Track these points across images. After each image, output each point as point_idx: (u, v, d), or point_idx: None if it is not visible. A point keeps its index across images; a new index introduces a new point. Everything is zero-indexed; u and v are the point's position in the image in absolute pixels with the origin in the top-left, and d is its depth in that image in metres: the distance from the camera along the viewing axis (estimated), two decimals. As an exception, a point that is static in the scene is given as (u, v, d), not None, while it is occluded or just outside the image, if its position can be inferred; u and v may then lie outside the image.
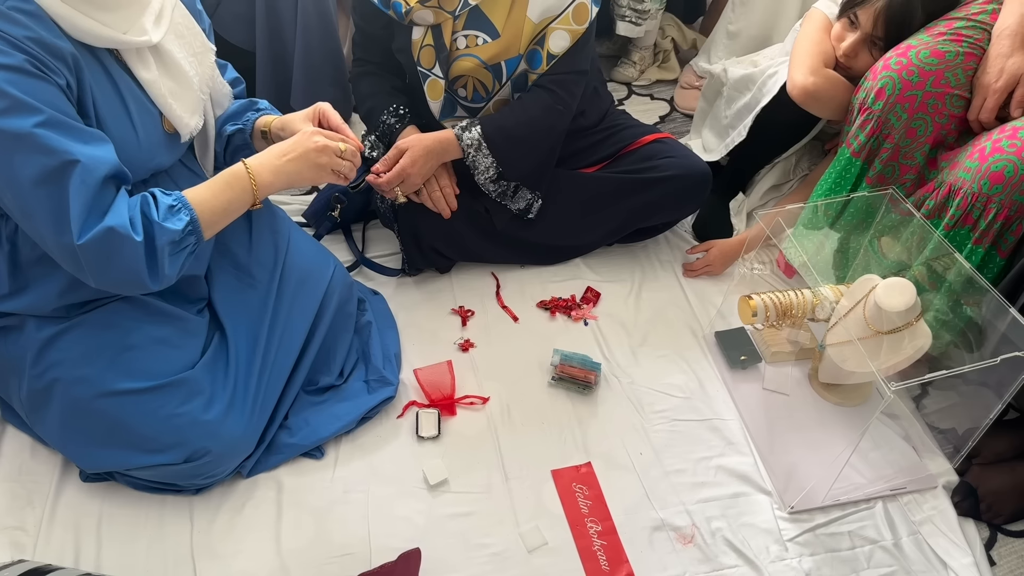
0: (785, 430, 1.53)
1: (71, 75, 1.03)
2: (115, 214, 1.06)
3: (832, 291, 1.51)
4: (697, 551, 1.35)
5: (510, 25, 1.49)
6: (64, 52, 1.02)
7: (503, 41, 1.50)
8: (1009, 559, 1.41)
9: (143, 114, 1.15)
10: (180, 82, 1.18)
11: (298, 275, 1.44)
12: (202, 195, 1.17)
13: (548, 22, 1.50)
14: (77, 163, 1.01)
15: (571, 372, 1.56)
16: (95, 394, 1.21)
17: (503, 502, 1.39)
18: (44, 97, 1.00)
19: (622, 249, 1.88)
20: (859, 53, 1.61)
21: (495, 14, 1.49)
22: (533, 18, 1.50)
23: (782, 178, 1.96)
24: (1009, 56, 1.41)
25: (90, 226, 1.04)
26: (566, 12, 1.50)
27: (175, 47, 1.17)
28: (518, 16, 1.49)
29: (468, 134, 1.53)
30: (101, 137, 1.07)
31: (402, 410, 1.51)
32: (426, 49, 1.52)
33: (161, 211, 1.11)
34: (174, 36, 1.17)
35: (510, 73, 1.55)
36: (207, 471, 1.30)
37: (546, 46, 1.51)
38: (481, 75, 1.54)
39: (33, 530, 1.29)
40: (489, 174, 1.57)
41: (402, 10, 1.47)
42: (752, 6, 2.15)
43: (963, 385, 1.55)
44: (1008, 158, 1.34)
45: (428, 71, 1.54)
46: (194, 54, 1.21)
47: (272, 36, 1.88)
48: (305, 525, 1.33)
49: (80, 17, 1.03)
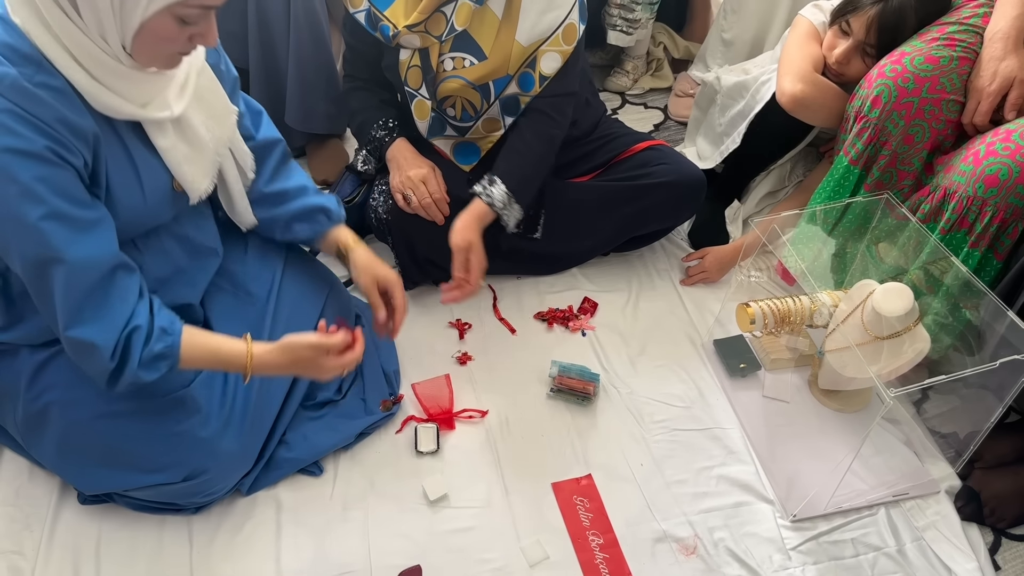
0: (786, 437, 1.53)
1: (89, 153, 1.02)
2: (107, 330, 1.05)
3: (830, 297, 1.51)
4: (700, 562, 1.34)
5: (498, 47, 1.50)
6: (87, 132, 1.01)
7: (490, 63, 1.51)
8: (1014, 563, 1.40)
9: (154, 178, 1.14)
10: (195, 147, 1.17)
11: (295, 291, 1.44)
12: (195, 353, 1.15)
13: (538, 45, 1.51)
14: (63, 264, 1.01)
15: (569, 383, 1.55)
16: (91, 416, 1.20)
17: (503, 516, 1.38)
18: (56, 185, 0.99)
19: (619, 259, 1.88)
20: (851, 60, 1.62)
21: (482, 37, 1.50)
22: (522, 41, 1.50)
23: (778, 184, 1.96)
24: (1002, 59, 1.41)
25: (79, 323, 1.04)
26: (556, 34, 1.50)
27: (195, 112, 1.15)
28: (506, 39, 1.50)
29: (496, 190, 1.53)
30: (103, 223, 1.06)
31: (400, 425, 1.50)
32: (413, 70, 1.53)
33: (145, 356, 1.09)
34: (195, 101, 1.14)
35: (498, 93, 1.55)
36: (206, 489, 1.29)
37: (538, 68, 1.52)
38: (469, 95, 1.55)
39: (31, 554, 1.29)
40: (517, 221, 1.59)
41: (389, 33, 1.48)
42: (744, 14, 2.16)
43: (963, 389, 1.55)
44: (1002, 161, 1.34)
45: (415, 91, 1.55)
46: (213, 116, 1.19)
47: (265, 52, 1.88)
48: (304, 543, 1.33)
49: (107, 94, 1.01)
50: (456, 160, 1.68)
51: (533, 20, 1.49)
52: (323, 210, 1.40)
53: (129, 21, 0.95)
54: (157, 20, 0.96)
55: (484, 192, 1.53)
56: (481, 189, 1.54)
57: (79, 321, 1.04)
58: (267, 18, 1.83)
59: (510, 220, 1.57)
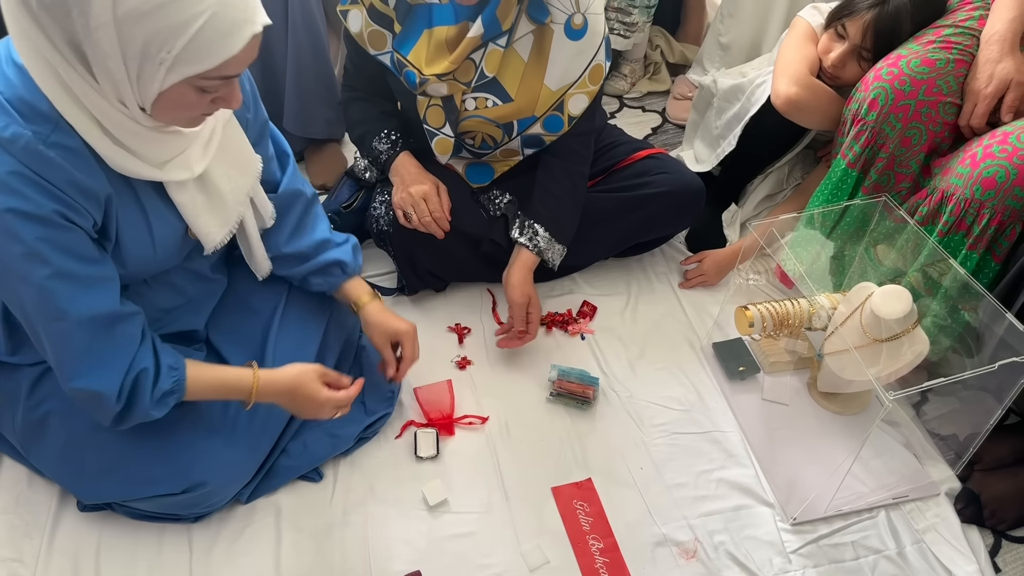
0: (785, 440, 1.53)
1: (99, 212, 1.01)
2: (111, 378, 1.05)
3: (829, 300, 1.51)
4: (700, 566, 1.34)
5: (524, 90, 1.48)
6: (99, 194, 0.99)
7: (516, 105, 1.49)
8: (1014, 565, 1.40)
9: (166, 230, 1.12)
10: (214, 199, 1.14)
11: (299, 311, 1.42)
12: (200, 385, 1.16)
13: (567, 89, 1.49)
14: (66, 320, 1.01)
15: (569, 387, 1.55)
16: (91, 425, 1.20)
17: (504, 521, 1.38)
18: (62, 245, 0.98)
19: (617, 263, 1.88)
20: (847, 64, 1.62)
21: (506, 79, 1.48)
22: (551, 86, 1.48)
23: (775, 188, 1.96)
24: (998, 61, 1.41)
25: (81, 375, 1.04)
26: (583, 76, 1.49)
27: (217, 164, 1.12)
28: (533, 83, 1.48)
29: (539, 237, 1.56)
30: (110, 280, 1.05)
31: (400, 430, 1.50)
32: (434, 109, 1.50)
33: (156, 395, 1.10)
34: (219, 151, 1.12)
35: (521, 130, 1.54)
36: (206, 501, 1.29)
37: (566, 111, 1.51)
38: (491, 131, 1.54)
39: (31, 562, 1.28)
40: (561, 258, 1.61)
41: (415, 80, 1.44)
42: (740, 17, 2.16)
43: (963, 391, 1.55)
44: (999, 163, 1.34)
45: (437, 130, 1.52)
46: (236, 167, 1.17)
47: (263, 58, 1.88)
48: (305, 549, 1.33)
49: (126, 156, 0.99)
50: (468, 179, 1.67)
51: (563, 66, 1.47)
52: (339, 264, 1.39)
53: (147, 91, 0.92)
54: (176, 90, 0.92)
55: (530, 242, 1.55)
56: (526, 240, 1.55)
57: (81, 373, 1.04)
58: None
59: (555, 259, 1.60)
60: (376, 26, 1.45)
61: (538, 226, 1.56)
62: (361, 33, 1.46)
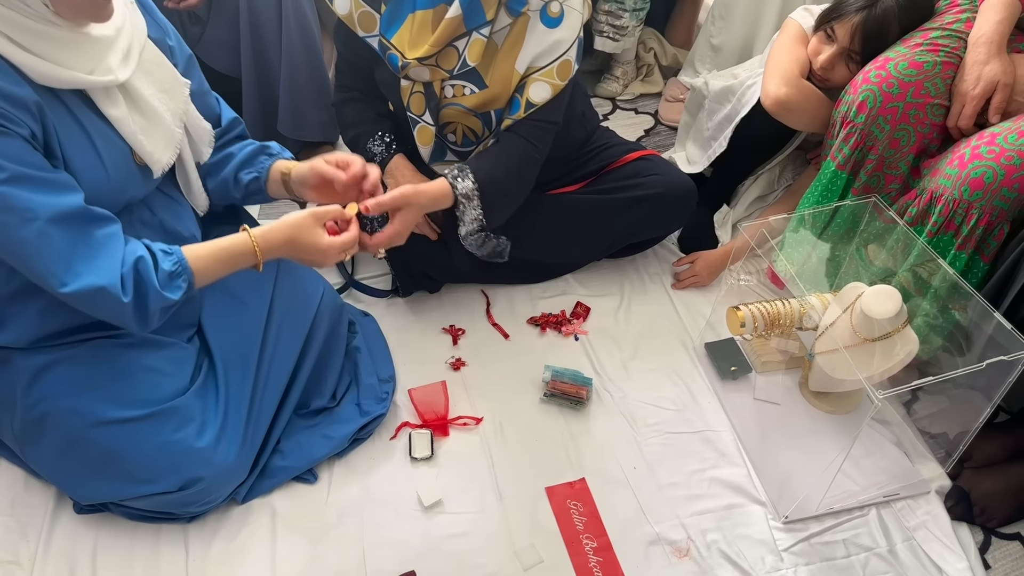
0: (777, 439, 1.54)
1: (35, 123, 1.02)
2: (106, 270, 1.06)
3: (819, 300, 1.52)
4: (693, 564, 1.35)
5: (499, 77, 1.49)
6: (27, 101, 1.01)
7: (490, 91, 1.49)
8: (1004, 562, 1.41)
9: (112, 151, 1.14)
10: (150, 119, 1.17)
11: (288, 298, 1.44)
12: (204, 262, 1.16)
13: (531, 72, 1.49)
14: (37, 221, 1.01)
15: (563, 388, 1.56)
16: (87, 425, 1.21)
17: (498, 521, 1.39)
18: (8, 152, 0.99)
19: (611, 264, 1.89)
20: (836, 66, 1.63)
21: (483, 66, 1.49)
22: (519, 69, 1.49)
23: (767, 189, 1.98)
24: (986, 63, 1.42)
25: (75, 276, 1.04)
26: (551, 66, 1.49)
27: (144, 84, 1.15)
28: (506, 68, 1.48)
29: (462, 184, 1.47)
30: (69, 185, 1.06)
31: (395, 431, 1.51)
32: (416, 96, 1.51)
33: (161, 277, 1.10)
34: (142, 74, 1.15)
35: (499, 120, 1.54)
36: (202, 498, 1.29)
37: (525, 94, 1.50)
38: (470, 122, 1.54)
39: (28, 564, 1.29)
40: (474, 225, 1.52)
41: (397, 63, 1.46)
42: (732, 19, 2.18)
43: (952, 389, 1.56)
44: (987, 164, 1.35)
45: (418, 117, 1.53)
46: (164, 90, 1.20)
47: (257, 62, 1.89)
48: (300, 550, 1.33)
49: (43, 63, 1.01)
50: None
51: (534, 51, 1.47)
52: (263, 149, 1.39)
53: None
54: None
55: (451, 175, 1.47)
56: (451, 176, 1.47)
57: (74, 273, 1.04)
58: (259, 27, 1.84)
59: (465, 217, 1.49)
60: (366, 6, 1.46)
61: (471, 174, 1.47)
62: (351, 14, 1.47)
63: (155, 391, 1.25)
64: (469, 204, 1.48)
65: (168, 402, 1.25)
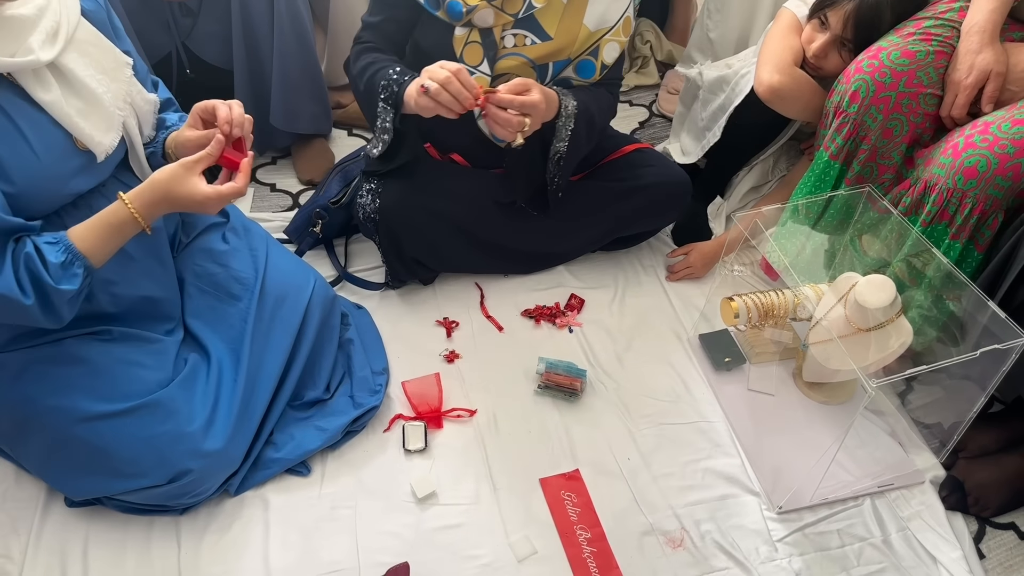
0: (771, 430, 1.54)
1: None
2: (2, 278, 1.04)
3: (813, 290, 1.52)
4: (687, 554, 1.35)
5: (564, 30, 1.49)
6: None
7: (554, 44, 1.50)
8: (998, 551, 1.42)
9: (45, 136, 1.10)
10: (88, 100, 1.13)
11: (278, 291, 1.44)
12: (91, 242, 1.12)
13: (604, 33, 1.52)
14: None
15: (557, 380, 1.56)
16: (71, 422, 1.20)
17: (492, 513, 1.39)
18: None
19: (605, 256, 1.89)
20: (828, 54, 1.63)
21: (545, 18, 1.48)
22: (590, 26, 1.50)
23: (761, 180, 1.97)
24: (978, 52, 1.42)
25: None
26: (618, 25, 1.52)
27: (79, 65, 1.12)
28: (573, 22, 1.49)
29: (569, 102, 1.51)
30: None
31: (388, 424, 1.51)
32: (472, 46, 1.48)
33: (53, 270, 1.07)
34: (78, 54, 1.12)
35: (555, 74, 1.55)
36: (192, 490, 1.29)
37: (600, 57, 1.54)
38: (526, 73, 1.53)
39: (19, 557, 1.28)
40: (562, 147, 1.56)
41: (461, 9, 1.42)
42: (728, 12, 2.17)
43: (947, 379, 1.56)
44: (981, 153, 1.35)
45: (474, 68, 1.50)
46: (104, 71, 1.16)
47: (249, 54, 1.88)
48: (293, 543, 1.33)
49: None
50: (494, 138, 1.60)
51: (601, 9, 1.49)
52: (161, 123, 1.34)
53: None
54: None
55: (560, 91, 1.50)
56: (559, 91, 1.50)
57: None
58: (251, 19, 1.83)
59: (559, 134, 1.53)
60: None
61: (574, 99, 1.52)
62: None
63: (136, 384, 1.25)
64: (566, 124, 1.53)
65: (151, 394, 1.24)
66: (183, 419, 1.25)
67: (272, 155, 2.15)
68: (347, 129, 2.26)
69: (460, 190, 1.64)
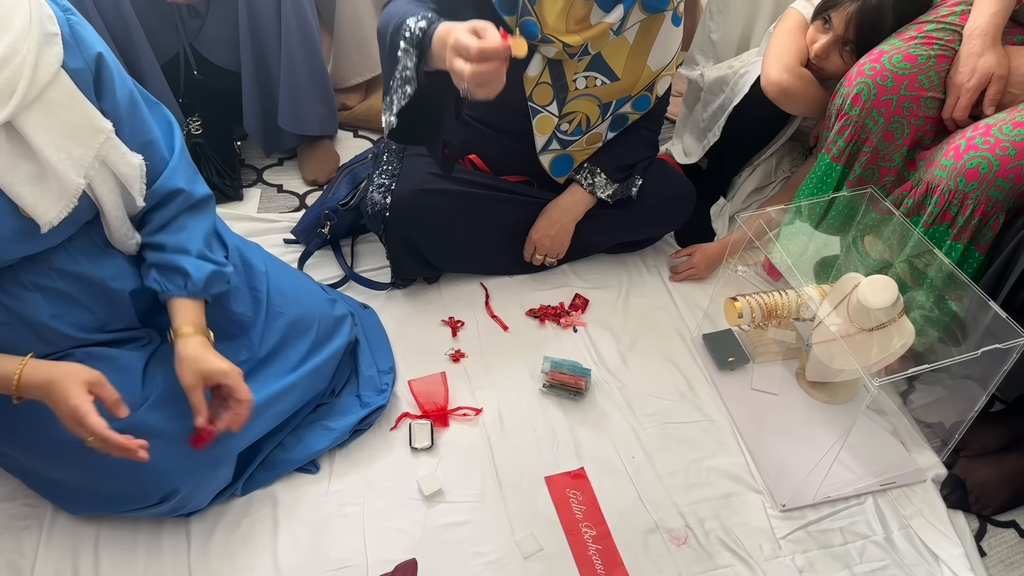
0: (774, 429, 1.55)
1: None
2: None
3: (816, 291, 1.53)
4: (691, 552, 1.36)
5: (629, 70, 1.54)
6: None
7: (622, 84, 1.56)
8: (999, 549, 1.43)
9: None
10: (41, 166, 1.02)
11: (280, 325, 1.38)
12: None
13: (662, 70, 1.58)
14: None
15: (561, 379, 1.57)
16: (48, 455, 1.19)
17: (498, 510, 1.40)
18: None
19: (609, 256, 1.90)
20: (831, 54, 1.64)
21: (613, 59, 1.52)
22: (652, 67, 1.56)
23: (764, 180, 1.98)
24: (980, 55, 1.43)
25: None
26: (672, 60, 1.59)
27: (37, 128, 1.00)
28: (637, 63, 1.54)
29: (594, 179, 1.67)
30: None
31: (395, 422, 1.52)
32: (542, 87, 1.53)
33: None
34: (41, 115, 1.01)
35: (616, 109, 1.60)
36: (185, 505, 1.28)
37: (655, 90, 1.61)
38: (590, 110, 1.58)
39: (30, 554, 1.29)
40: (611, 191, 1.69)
41: (537, 32, 1.43)
42: (730, 13, 2.18)
43: (948, 379, 1.57)
44: (982, 155, 1.36)
45: (542, 108, 1.56)
46: (69, 135, 1.04)
47: (256, 56, 1.90)
48: (301, 540, 1.34)
49: None
50: (552, 172, 1.69)
51: (664, 49, 1.55)
52: (183, 273, 1.20)
53: None
54: None
55: (585, 180, 1.67)
56: (582, 178, 1.66)
57: None
58: (258, 22, 1.84)
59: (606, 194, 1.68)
60: None
61: (598, 169, 1.66)
62: None
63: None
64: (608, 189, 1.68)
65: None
66: (161, 442, 1.17)
67: (279, 156, 2.17)
68: (353, 131, 2.28)
69: (475, 196, 1.65)
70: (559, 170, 1.69)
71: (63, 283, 1.15)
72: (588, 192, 1.67)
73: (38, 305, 1.14)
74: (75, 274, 1.16)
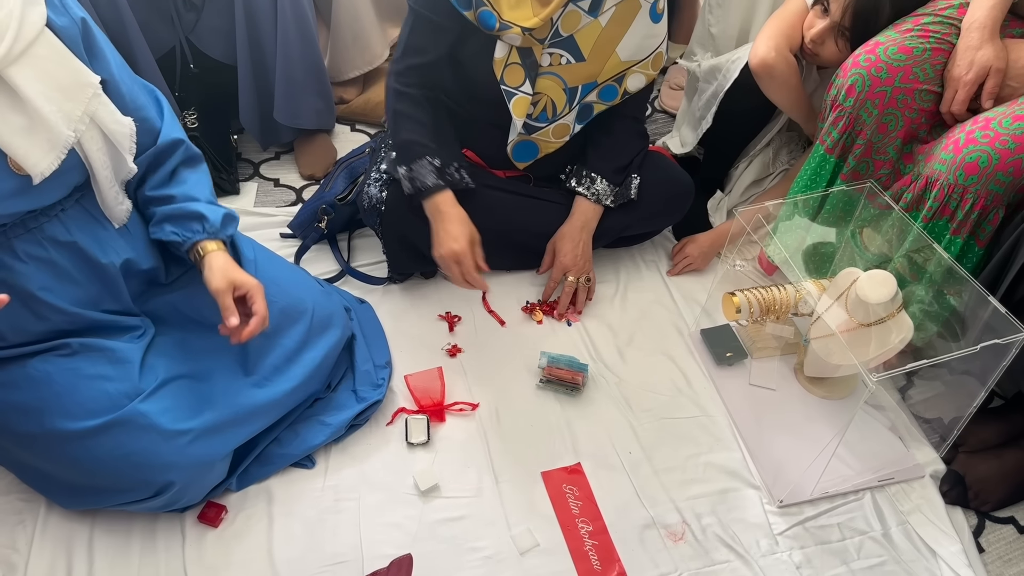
0: (772, 425, 1.54)
1: None
2: None
3: (814, 285, 1.53)
4: (688, 548, 1.36)
5: (597, 53, 1.53)
6: None
7: (587, 67, 1.54)
8: (997, 545, 1.42)
9: None
10: (32, 118, 1.04)
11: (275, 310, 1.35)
12: None
13: (632, 64, 1.57)
14: None
15: (558, 374, 1.57)
16: (45, 446, 1.19)
17: (494, 505, 1.40)
18: None
19: (606, 251, 1.89)
20: (826, 41, 1.63)
21: (582, 40, 1.51)
22: (621, 56, 1.55)
23: (762, 173, 1.97)
24: (978, 48, 1.42)
25: None
26: (648, 59, 1.57)
27: (27, 80, 1.03)
28: (606, 47, 1.53)
29: (595, 186, 1.67)
30: None
31: (391, 417, 1.52)
32: (512, 67, 1.51)
33: None
34: (29, 69, 1.03)
35: (582, 97, 1.58)
36: (179, 500, 1.27)
37: (624, 84, 1.59)
38: (557, 94, 1.57)
39: (24, 548, 1.29)
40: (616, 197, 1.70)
41: (494, 23, 1.43)
42: (729, 7, 2.17)
43: (947, 374, 1.57)
44: (982, 148, 1.35)
45: (515, 89, 1.54)
46: (59, 89, 1.07)
47: (252, 49, 1.89)
48: (297, 535, 1.34)
49: None
50: (513, 157, 1.68)
51: (637, 42, 1.54)
52: (200, 218, 1.24)
53: None
54: None
55: (588, 190, 1.67)
56: (584, 188, 1.67)
57: None
58: (254, 14, 1.84)
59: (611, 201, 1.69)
60: None
61: (596, 176, 1.66)
62: None
63: (103, 400, 1.19)
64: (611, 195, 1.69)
65: (120, 409, 1.19)
66: (157, 434, 1.20)
67: (275, 150, 2.16)
68: (350, 124, 2.27)
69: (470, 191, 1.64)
70: (521, 156, 1.68)
71: (56, 253, 1.17)
72: (594, 203, 1.68)
73: (29, 277, 1.16)
74: (67, 244, 1.18)
